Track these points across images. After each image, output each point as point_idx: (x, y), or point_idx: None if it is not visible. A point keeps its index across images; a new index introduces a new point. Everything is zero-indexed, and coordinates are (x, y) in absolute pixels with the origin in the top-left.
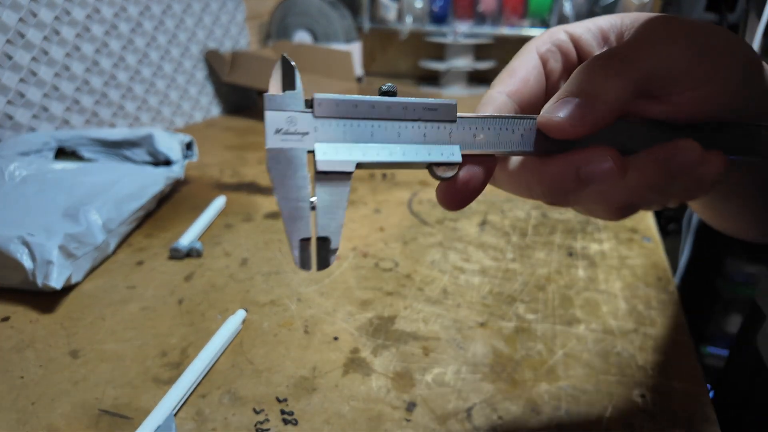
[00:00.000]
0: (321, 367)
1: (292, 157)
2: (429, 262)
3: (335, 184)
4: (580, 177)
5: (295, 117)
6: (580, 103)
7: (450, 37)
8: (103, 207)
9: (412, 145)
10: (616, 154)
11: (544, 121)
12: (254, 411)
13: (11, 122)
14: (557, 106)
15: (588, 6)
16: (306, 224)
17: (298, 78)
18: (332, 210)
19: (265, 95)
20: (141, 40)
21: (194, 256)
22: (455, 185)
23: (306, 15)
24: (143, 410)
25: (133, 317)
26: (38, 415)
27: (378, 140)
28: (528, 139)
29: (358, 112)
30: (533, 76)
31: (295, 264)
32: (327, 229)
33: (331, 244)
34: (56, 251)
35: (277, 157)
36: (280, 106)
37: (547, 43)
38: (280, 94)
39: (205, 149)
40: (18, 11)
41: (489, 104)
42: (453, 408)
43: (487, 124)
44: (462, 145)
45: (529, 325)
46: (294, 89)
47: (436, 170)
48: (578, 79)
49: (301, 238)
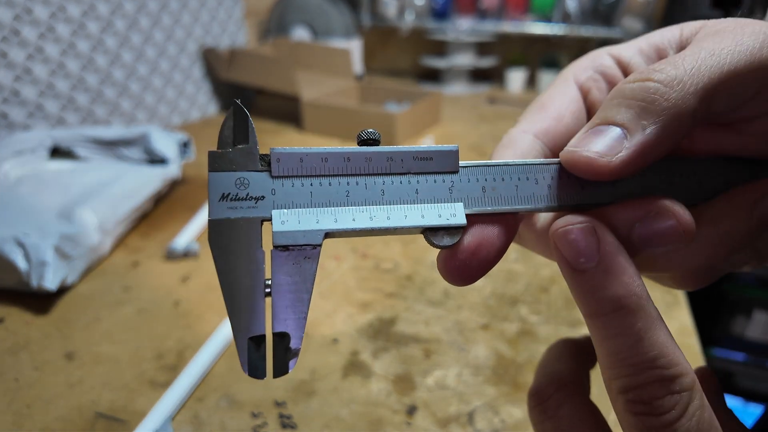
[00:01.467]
0: (320, 369)
1: (242, 230)
2: (430, 263)
3: (298, 261)
4: (632, 240)
5: (248, 178)
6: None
7: (451, 34)
8: (99, 207)
9: (401, 206)
10: (680, 207)
11: (569, 157)
12: (252, 415)
13: (6, 121)
14: (588, 137)
15: (591, 3)
16: (258, 317)
17: (252, 128)
18: (293, 296)
19: (210, 153)
20: (138, 38)
21: (191, 256)
22: (458, 255)
23: (305, 11)
24: (139, 413)
25: (128, 319)
26: (33, 418)
27: (355, 202)
28: (557, 189)
29: (328, 168)
30: (570, 110)
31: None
32: (285, 323)
33: (291, 343)
34: (51, 252)
35: (222, 230)
36: (229, 166)
37: (588, 69)
38: (228, 150)
39: (201, 148)
40: (13, 8)
41: (510, 147)
42: (454, 411)
43: (501, 173)
44: (467, 203)
45: (532, 327)
46: (246, 143)
47: (433, 237)
48: (617, 101)
49: (252, 335)
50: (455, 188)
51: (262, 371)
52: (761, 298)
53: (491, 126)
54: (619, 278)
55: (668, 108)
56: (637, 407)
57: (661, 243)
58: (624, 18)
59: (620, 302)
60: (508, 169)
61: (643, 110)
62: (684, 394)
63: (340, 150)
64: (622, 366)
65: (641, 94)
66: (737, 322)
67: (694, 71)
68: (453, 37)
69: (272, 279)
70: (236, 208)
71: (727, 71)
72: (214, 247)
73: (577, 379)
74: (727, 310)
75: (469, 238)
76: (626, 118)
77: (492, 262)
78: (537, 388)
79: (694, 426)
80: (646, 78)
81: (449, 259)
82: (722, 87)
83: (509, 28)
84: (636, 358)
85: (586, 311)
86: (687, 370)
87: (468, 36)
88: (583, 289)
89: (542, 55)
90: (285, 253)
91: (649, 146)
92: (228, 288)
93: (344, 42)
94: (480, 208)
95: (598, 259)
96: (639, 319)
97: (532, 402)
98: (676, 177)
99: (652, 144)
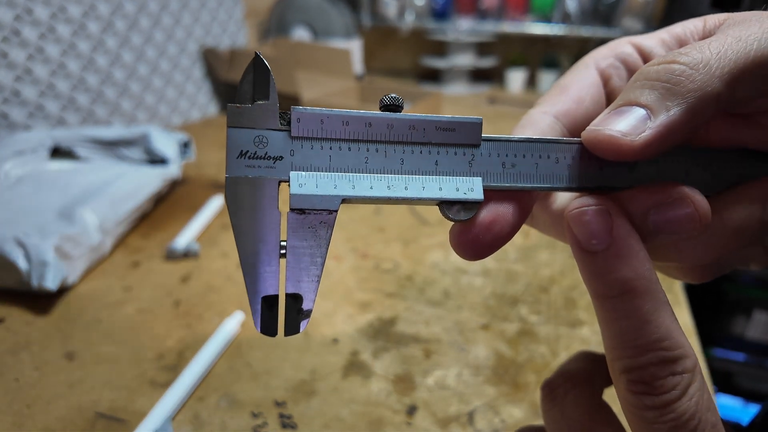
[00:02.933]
0: (320, 369)
1: (259, 190)
2: (430, 263)
3: (313, 226)
4: (647, 225)
5: (267, 136)
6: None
7: (451, 34)
8: (99, 207)
9: (419, 177)
10: (699, 195)
11: (592, 136)
12: (252, 415)
13: (7, 121)
14: (611, 117)
15: (591, 3)
16: (272, 277)
17: (273, 84)
18: (308, 259)
19: (229, 106)
20: (138, 38)
21: (191, 257)
22: (472, 230)
23: (305, 11)
24: (139, 413)
25: (129, 319)
26: (34, 418)
27: (374, 169)
28: (577, 169)
29: (349, 132)
30: (590, 95)
31: (255, 327)
32: (299, 284)
33: (304, 304)
34: (51, 252)
35: (239, 188)
36: (248, 122)
37: (608, 57)
38: (248, 105)
39: (202, 148)
40: (14, 8)
41: (529, 126)
42: (454, 411)
43: (523, 149)
44: (486, 178)
45: (532, 327)
46: (267, 99)
47: (448, 210)
48: (640, 83)
49: (265, 295)
50: (475, 162)
51: (274, 330)
52: (761, 298)
53: (491, 126)
54: (629, 262)
55: (694, 90)
56: (638, 387)
57: (675, 230)
58: (624, 18)
59: (629, 285)
60: (530, 146)
61: (667, 91)
62: (685, 376)
63: (362, 114)
64: (626, 347)
65: (666, 75)
66: (737, 322)
67: (720, 55)
68: (453, 38)
69: (287, 241)
70: (254, 167)
71: (754, 57)
72: (230, 204)
73: (588, 377)
74: (727, 310)
75: (484, 213)
76: (650, 99)
77: (505, 239)
78: (549, 380)
79: (693, 407)
80: (672, 60)
81: (462, 233)
82: (748, 73)
83: (509, 28)
84: (641, 340)
85: (595, 293)
86: (690, 353)
87: (468, 36)
88: (593, 271)
89: (542, 55)
90: (301, 216)
91: (672, 127)
92: (243, 247)
93: (344, 42)
94: (498, 184)
95: (609, 241)
96: (646, 302)
97: (543, 393)
98: (693, 166)
99: (676, 125)
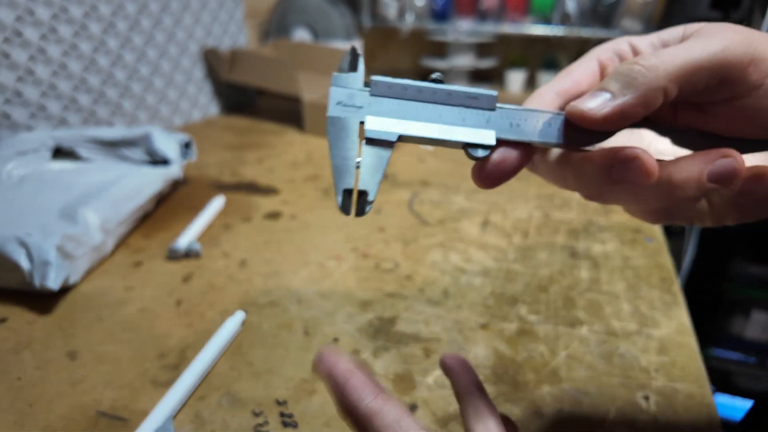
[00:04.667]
0: None
1: (346, 124)
2: (430, 263)
3: (379, 149)
4: (611, 176)
5: (354, 94)
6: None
7: (451, 35)
8: (101, 207)
9: (451, 127)
10: (647, 155)
11: (570, 110)
12: (253, 413)
13: (8, 121)
14: (586, 97)
15: (591, 4)
16: (351, 177)
17: (362, 63)
18: (373, 170)
19: (333, 74)
20: (139, 39)
21: (192, 256)
22: (487, 165)
23: (305, 12)
24: (141, 412)
25: (131, 318)
26: (36, 417)
27: (421, 119)
28: (563, 132)
29: (407, 94)
30: (587, 79)
31: (337, 208)
32: (367, 185)
33: (369, 197)
34: (53, 252)
35: (335, 123)
36: (344, 84)
37: (609, 51)
38: (344, 74)
39: (203, 149)
40: (15, 9)
41: (536, 98)
42: (454, 410)
43: (526, 116)
44: (498, 131)
45: (531, 326)
46: (356, 71)
47: (471, 150)
48: (612, 75)
49: (345, 188)
50: (491, 121)
51: (348, 210)
52: (760, 298)
53: None
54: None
55: (644, 84)
56: None
57: (630, 179)
58: (623, 19)
59: None
60: (531, 114)
61: (627, 83)
62: None
63: (417, 84)
64: None
65: (628, 72)
66: (736, 322)
67: (667, 60)
68: (453, 38)
69: (362, 159)
70: (345, 111)
71: (692, 64)
72: (329, 133)
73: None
74: (725, 309)
75: (495, 154)
76: (614, 87)
77: (510, 174)
78: None
79: None
80: (635, 62)
81: (480, 168)
82: (687, 75)
83: (509, 29)
84: None
85: None
86: None
87: (468, 37)
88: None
89: (542, 56)
90: (371, 144)
91: (625, 108)
92: (335, 159)
93: (345, 43)
94: (506, 137)
95: None
96: None
97: None
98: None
99: (628, 107)
